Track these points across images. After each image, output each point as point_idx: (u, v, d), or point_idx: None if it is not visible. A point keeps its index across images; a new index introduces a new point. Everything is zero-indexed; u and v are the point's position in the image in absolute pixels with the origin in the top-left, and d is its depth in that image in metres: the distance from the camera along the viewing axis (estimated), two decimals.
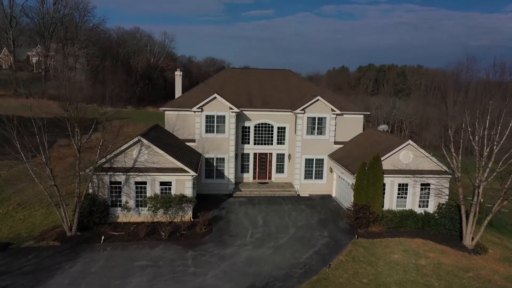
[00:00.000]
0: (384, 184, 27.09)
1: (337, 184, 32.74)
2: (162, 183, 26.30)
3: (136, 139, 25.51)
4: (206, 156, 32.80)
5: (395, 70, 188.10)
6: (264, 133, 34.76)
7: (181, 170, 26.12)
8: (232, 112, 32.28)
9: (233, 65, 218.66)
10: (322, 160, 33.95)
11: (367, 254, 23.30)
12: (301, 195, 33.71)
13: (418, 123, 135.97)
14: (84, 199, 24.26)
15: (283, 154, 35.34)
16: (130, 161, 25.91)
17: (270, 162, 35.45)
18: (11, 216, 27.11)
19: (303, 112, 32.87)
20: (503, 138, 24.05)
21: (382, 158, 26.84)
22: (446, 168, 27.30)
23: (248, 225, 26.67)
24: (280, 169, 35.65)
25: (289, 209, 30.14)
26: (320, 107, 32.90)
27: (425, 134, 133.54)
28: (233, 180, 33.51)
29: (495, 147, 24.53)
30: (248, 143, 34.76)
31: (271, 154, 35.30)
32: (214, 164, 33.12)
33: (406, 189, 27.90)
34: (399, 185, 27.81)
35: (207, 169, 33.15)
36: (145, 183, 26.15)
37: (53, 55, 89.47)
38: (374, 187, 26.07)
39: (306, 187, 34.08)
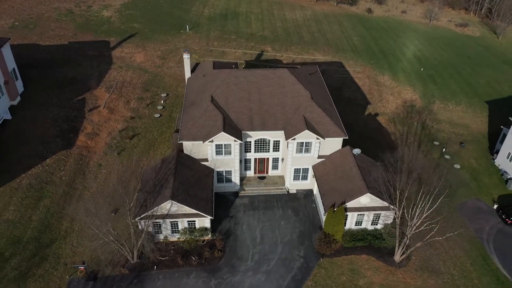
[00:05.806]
0: (347, 216, 38.07)
1: (317, 188, 43.20)
2: (189, 221, 37.45)
3: (169, 201, 35.40)
4: (217, 170, 42.43)
5: None
6: (262, 145, 43.23)
7: (201, 215, 36.85)
8: (236, 142, 40.33)
9: None
10: (307, 169, 43.55)
11: (326, 276, 36.18)
12: (290, 192, 44.67)
13: None
14: (139, 243, 35.95)
15: (277, 158, 44.62)
16: (165, 211, 36.44)
17: (267, 163, 45.02)
18: (85, 232, 38.78)
19: (294, 139, 40.80)
20: (431, 210, 33.99)
21: (347, 202, 37.08)
22: (393, 206, 37.48)
23: (249, 243, 38.84)
24: (275, 167, 45.50)
25: (280, 217, 41.72)
26: (307, 136, 40.60)
27: None
28: (238, 182, 43.98)
29: (424, 211, 34.49)
30: (250, 151, 43.65)
31: (268, 158, 44.58)
32: (223, 175, 43.05)
33: (363, 217, 38.85)
34: (358, 214, 38.61)
35: (219, 177, 43.23)
36: (176, 221, 37.31)
37: None
38: (338, 226, 37.18)
39: (294, 185, 44.78)
